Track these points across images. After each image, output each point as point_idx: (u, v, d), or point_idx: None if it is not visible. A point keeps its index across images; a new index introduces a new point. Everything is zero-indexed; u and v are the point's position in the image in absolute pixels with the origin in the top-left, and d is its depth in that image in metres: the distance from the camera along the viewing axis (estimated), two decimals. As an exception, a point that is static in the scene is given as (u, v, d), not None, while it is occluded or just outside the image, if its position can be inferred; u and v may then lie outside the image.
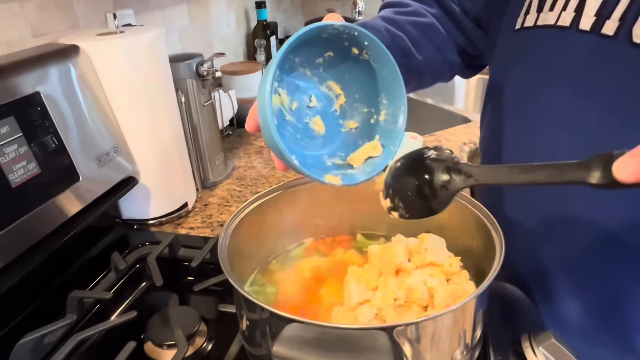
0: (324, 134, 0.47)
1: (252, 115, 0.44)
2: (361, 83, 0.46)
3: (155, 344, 0.57)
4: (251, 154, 1.14)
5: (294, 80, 0.46)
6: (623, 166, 0.28)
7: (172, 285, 0.69)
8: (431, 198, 0.38)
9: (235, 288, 0.42)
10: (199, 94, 0.91)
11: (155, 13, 1.10)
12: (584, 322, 0.54)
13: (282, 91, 0.45)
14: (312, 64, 0.46)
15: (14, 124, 0.58)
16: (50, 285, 0.67)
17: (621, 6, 0.43)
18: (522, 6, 0.53)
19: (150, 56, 0.75)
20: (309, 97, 0.47)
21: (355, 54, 0.44)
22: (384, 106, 0.46)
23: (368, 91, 0.46)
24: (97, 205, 0.70)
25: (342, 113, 0.48)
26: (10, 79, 0.60)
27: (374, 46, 0.43)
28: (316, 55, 0.45)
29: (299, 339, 0.36)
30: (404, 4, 0.67)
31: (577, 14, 0.47)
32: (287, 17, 1.84)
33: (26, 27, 0.76)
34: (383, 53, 0.43)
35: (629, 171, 0.28)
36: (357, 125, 0.48)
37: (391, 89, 0.45)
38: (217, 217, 0.87)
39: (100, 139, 0.71)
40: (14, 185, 0.57)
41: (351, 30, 0.42)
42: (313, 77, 0.47)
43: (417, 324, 0.38)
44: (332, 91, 0.48)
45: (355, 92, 0.47)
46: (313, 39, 0.42)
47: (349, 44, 0.44)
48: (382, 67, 0.44)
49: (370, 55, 0.44)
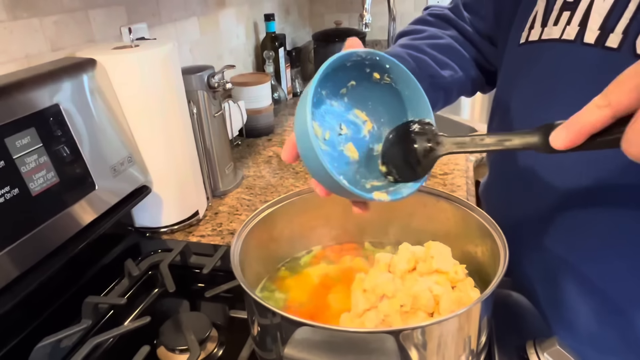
0: (358, 159, 0.49)
1: (289, 145, 0.46)
2: (386, 106, 0.49)
3: (167, 348, 0.58)
4: (260, 164, 1.16)
5: (323, 113, 0.48)
6: (557, 135, 0.33)
7: (184, 292, 0.71)
8: (416, 165, 0.44)
9: (247, 293, 0.43)
10: (209, 105, 0.93)
11: (168, 26, 1.13)
12: (593, 327, 0.54)
13: (314, 123, 0.46)
14: (337, 95, 0.48)
15: (34, 134, 0.61)
16: (66, 291, 0.69)
17: (624, 20, 0.44)
18: (527, 21, 0.55)
19: (163, 69, 0.78)
20: (339, 126, 0.49)
21: (377, 79, 0.47)
22: None
23: (394, 113, 0.48)
24: (111, 214, 0.72)
25: (372, 138, 0.49)
26: (31, 92, 0.63)
27: (395, 69, 0.46)
28: (339, 85, 0.47)
29: (309, 341, 0.37)
30: (419, 30, 0.69)
31: (582, 27, 0.48)
32: (295, 29, 1.87)
33: (45, 42, 0.79)
34: (404, 74, 0.46)
35: (561, 140, 0.33)
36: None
37: (417, 107, 0.47)
38: (227, 226, 0.89)
39: (115, 149, 0.74)
40: (34, 193, 0.59)
41: (373, 55, 0.45)
42: (339, 107, 0.49)
43: (423, 328, 0.40)
44: (359, 118, 0.49)
45: (381, 117, 0.49)
46: (337, 69, 0.44)
47: (370, 70, 0.46)
48: (405, 87, 0.47)
49: (393, 78, 0.47)
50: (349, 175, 0.47)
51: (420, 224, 0.60)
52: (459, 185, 0.99)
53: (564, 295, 0.55)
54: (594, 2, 0.47)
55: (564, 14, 0.50)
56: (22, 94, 0.61)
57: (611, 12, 0.45)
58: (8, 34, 0.73)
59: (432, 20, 0.71)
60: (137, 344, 0.57)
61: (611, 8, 0.45)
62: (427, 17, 0.71)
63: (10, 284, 0.56)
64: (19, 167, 0.58)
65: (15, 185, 0.57)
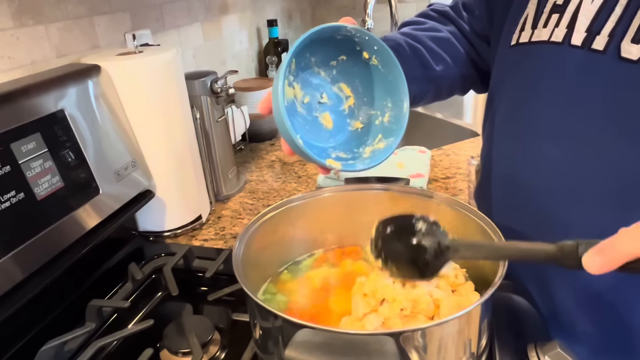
0: (332, 129, 0.52)
1: (266, 99, 0.49)
2: (370, 87, 0.51)
3: (170, 351, 0.59)
4: (263, 168, 1.17)
5: (308, 77, 0.50)
6: (591, 262, 0.35)
7: (187, 295, 0.71)
8: (423, 267, 0.43)
9: (249, 296, 0.44)
10: (212, 110, 0.94)
11: (171, 33, 1.14)
12: (590, 330, 0.54)
13: (296, 85, 0.49)
14: (327, 65, 0.51)
15: (39, 140, 0.61)
16: (70, 294, 0.70)
17: (610, 22, 0.45)
18: (517, 23, 0.56)
19: (167, 74, 0.79)
20: (320, 94, 0.51)
21: (366, 59, 0.49)
22: (388, 109, 0.51)
23: (375, 95, 0.51)
24: (115, 218, 0.73)
25: (350, 113, 0.53)
26: (36, 97, 0.64)
27: (382, 51, 0.48)
28: (331, 57, 0.50)
29: (310, 343, 0.37)
30: (422, 22, 0.71)
31: (569, 30, 0.49)
32: (298, 35, 1.88)
33: (50, 49, 0.80)
34: (390, 57, 0.48)
35: (596, 266, 0.34)
36: (362, 125, 0.53)
37: (396, 93, 0.50)
38: (230, 230, 0.90)
39: (119, 154, 0.75)
40: (39, 198, 0.60)
41: (363, 34, 0.47)
42: (326, 77, 0.52)
43: (423, 330, 0.40)
44: (343, 92, 0.52)
45: (364, 96, 0.52)
46: (328, 40, 0.48)
47: (360, 48, 0.49)
48: (389, 71, 0.49)
49: (379, 61, 0.49)
50: (319, 141, 0.49)
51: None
52: (461, 189, 0.99)
53: (559, 296, 0.56)
54: (581, 5, 0.48)
55: (552, 17, 0.51)
56: (28, 99, 0.62)
57: (598, 14, 0.46)
58: (14, 40, 0.74)
59: (434, 15, 0.72)
60: (141, 347, 0.58)
61: (598, 11, 0.46)
62: (429, 12, 0.73)
63: (15, 287, 0.57)
64: (24, 172, 0.59)
65: (20, 190, 0.58)
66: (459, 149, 1.18)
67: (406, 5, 1.92)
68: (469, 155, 1.13)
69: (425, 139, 1.45)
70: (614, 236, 0.34)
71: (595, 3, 0.46)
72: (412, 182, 0.95)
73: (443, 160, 1.12)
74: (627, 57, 0.44)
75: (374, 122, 0.52)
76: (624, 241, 0.33)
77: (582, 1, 0.48)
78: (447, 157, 1.14)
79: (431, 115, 1.54)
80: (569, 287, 0.54)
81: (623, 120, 0.45)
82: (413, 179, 0.97)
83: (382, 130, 0.51)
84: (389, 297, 0.48)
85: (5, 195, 0.56)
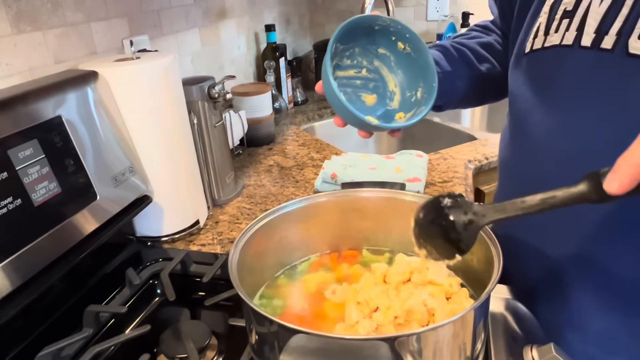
0: (372, 106, 0.64)
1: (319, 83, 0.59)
2: (406, 72, 0.62)
3: (167, 356, 0.59)
4: (261, 173, 1.17)
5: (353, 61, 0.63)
6: (611, 183, 0.35)
7: (184, 300, 0.71)
8: (458, 240, 0.44)
9: (245, 301, 0.44)
10: (210, 115, 0.94)
11: (169, 38, 1.15)
12: (599, 326, 0.54)
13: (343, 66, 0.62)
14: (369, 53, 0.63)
15: (37, 146, 0.62)
16: (68, 300, 0.70)
17: (618, 22, 0.47)
18: (531, 32, 0.58)
19: (164, 80, 0.79)
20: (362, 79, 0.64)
21: (401, 49, 0.60)
22: (420, 87, 0.61)
23: (410, 78, 0.62)
24: (112, 224, 0.73)
25: (391, 95, 0.64)
26: (34, 104, 0.64)
27: (413, 38, 0.59)
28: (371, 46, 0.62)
29: (304, 349, 0.38)
30: (467, 33, 0.79)
31: (579, 32, 0.50)
32: (296, 39, 1.89)
33: (48, 55, 0.81)
34: (420, 43, 0.59)
35: (615, 185, 0.35)
36: (399, 105, 0.63)
37: (427, 73, 0.59)
38: (227, 234, 0.90)
39: (116, 159, 0.75)
40: (36, 204, 0.60)
41: (396, 24, 0.58)
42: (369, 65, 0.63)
43: (418, 335, 0.40)
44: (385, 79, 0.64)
45: (403, 80, 0.63)
46: (368, 30, 0.59)
47: (395, 38, 0.60)
48: (420, 56, 0.60)
49: (412, 48, 0.60)
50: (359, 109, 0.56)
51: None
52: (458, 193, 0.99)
53: (568, 295, 0.56)
54: (590, 7, 0.50)
55: (563, 22, 0.53)
56: (25, 106, 0.63)
57: (606, 15, 0.48)
58: (12, 47, 0.75)
59: (478, 28, 0.80)
60: (138, 352, 0.58)
61: (606, 12, 0.48)
62: (473, 27, 0.82)
63: (13, 292, 0.57)
64: (21, 178, 0.59)
65: (18, 196, 0.58)
66: (456, 153, 1.18)
67: (404, 10, 1.93)
68: (466, 159, 1.14)
69: (423, 143, 1.46)
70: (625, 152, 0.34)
71: (602, 5, 0.48)
72: (409, 186, 0.95)
73: (440, 164, 1.13)
74: (635, 52, 0.45)
75: (410, 100, 0.62)
76: (636, 152, 0.34)
77: (590, 4, 0.49)
78: (445, 161, 1.14)
79: (429, 119, 1.55)
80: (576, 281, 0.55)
81: (632, 114, 0.47)
82: (410, 183, 0.97)
83: (416, 104, 0.61)
84: (383, 305, 0.48)
85: (3, 202, 0.56)
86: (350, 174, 1.00)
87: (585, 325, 0.55)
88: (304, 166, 1.19)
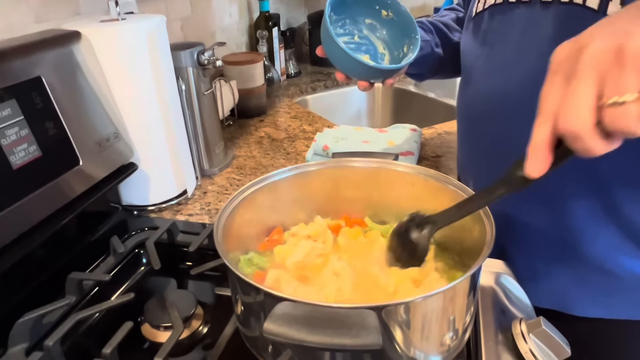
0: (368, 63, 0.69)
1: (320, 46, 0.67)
2: (391, 34, 0.72)
3: (152, 325, 0.58)
4: (251, 144, 1.15)
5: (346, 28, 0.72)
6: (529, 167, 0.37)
7: (171, 270, 0.70)
8: (414, 251, 0.50)
9: (230, 269, 0.43)
10: (199, 83, 0.91)
11: (158, 2, 1.11)
12: (542, 242, 0.63)
13: None
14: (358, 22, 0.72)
15: (15, 107, 0.59)
16: (50, 266, 0.68)
17: None
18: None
19: (151, 43, 0.76)
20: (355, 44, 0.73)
21: (385, 15, 0.70)
22: (406, 44, 0.70)
23: (396, 38, 0.71)
24: (96, 190, 0.71)
25: (381, 56, 0.73)
26: (12, 62, 0.61)
27: (393, 3, 0.69)
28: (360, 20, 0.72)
29: (290, 316, 0.36)
30: (439, 14, 0.90)
31: None
32: (290, 9, 1.84)
33: (29, 13, 0.77)
34: (400, 6, 0.69)
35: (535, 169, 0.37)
36: (389, 63, 0.72)
37: (410, 30, 0.69)
38: (215, 205, 0.88)
39: (100, 124, 0.72)
40: (15, 167, 0.58)
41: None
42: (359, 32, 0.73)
43: (406, 304, 0.39)
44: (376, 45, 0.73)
45: (391, 44, 0.72)
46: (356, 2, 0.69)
47: (379, 7, 0.70)
48: (401, 18, 0.69)
49: (394, 13, 0.69)
50: None
51: (409, 204, 0.59)
52: (451, 167, 0.98)
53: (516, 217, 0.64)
54: None
55: None
56: (3, 64, 0.60)
57: None
58: (-10, 3, 0.71)
59: (446, 12, 0.90)
60: (121, 320, 0.56)
61: None
62: (441, 11, 0.92)
63: (-9, 257, 0.55)
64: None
65: (-5, 158, 0.56)
66: (449, 128, 1.17)
67: None
68: (460, 135, 1.12)
69: (417, 118, 1.44)
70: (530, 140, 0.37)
71: None
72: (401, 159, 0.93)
73: (434, 139, 1.11)
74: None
75: (398, 57, 0.71)
76: (535, 135, 0.36)
77: None
78: (439, 136, 1.13)
79: (423, 95, 1.52)
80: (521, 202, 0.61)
81: (536, 58, 0.55)
82: (403, 157, 0.96)
83: (404, 57, 0.69)
84: None
85: (-21, 163, 0.54)
86: (343, 146, 0.99)
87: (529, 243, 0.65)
88: (295, 138, 1.16)
